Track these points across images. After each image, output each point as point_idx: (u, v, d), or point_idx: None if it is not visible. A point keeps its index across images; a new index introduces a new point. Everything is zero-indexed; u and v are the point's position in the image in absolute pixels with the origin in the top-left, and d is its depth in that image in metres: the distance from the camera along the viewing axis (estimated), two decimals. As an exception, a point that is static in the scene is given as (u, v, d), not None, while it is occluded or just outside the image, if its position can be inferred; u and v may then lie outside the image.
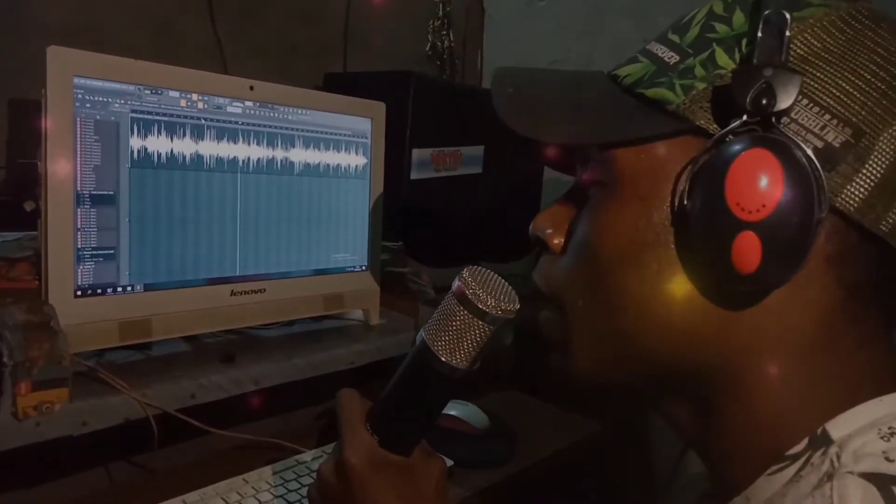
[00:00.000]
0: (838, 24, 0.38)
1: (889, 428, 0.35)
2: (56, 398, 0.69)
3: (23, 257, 0.77)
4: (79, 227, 0.75)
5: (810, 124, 0.37)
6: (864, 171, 0.36)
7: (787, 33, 0.37)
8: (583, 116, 0.44)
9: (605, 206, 0.43)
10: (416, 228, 1.24)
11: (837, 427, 0.37)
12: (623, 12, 1.52)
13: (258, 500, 0.82)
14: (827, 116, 0.37)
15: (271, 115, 0.93)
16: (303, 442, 0.96)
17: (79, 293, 0.75)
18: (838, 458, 0.35)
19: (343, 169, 1.03)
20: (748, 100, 0.36)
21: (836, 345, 0.39)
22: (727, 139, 0.37)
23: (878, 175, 0.36)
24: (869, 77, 0.37)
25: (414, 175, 1.22)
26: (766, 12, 0.37)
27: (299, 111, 0.96)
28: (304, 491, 0.84)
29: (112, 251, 0.78)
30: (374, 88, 1.12)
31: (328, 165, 1.01)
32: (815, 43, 0.38)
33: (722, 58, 0.39)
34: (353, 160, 1.04)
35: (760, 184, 0.35)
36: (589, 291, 0.44)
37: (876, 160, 0.36)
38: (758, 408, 0.40)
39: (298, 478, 0.87)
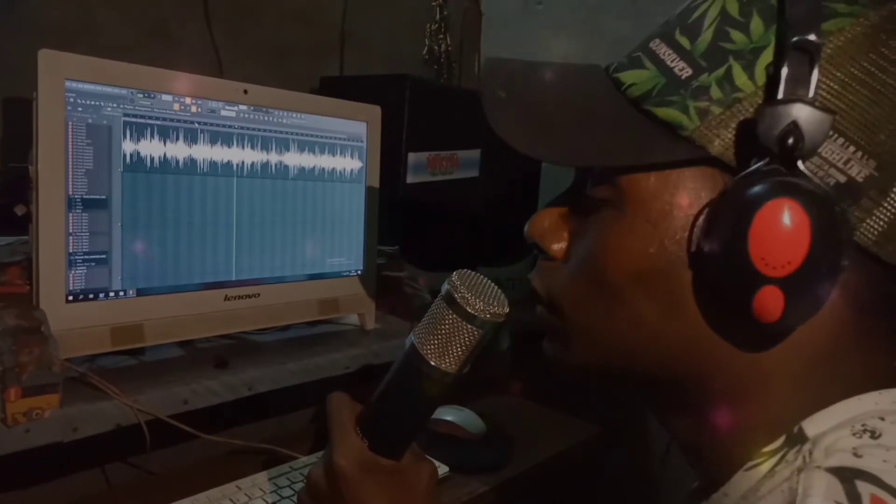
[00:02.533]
0: (867, 37, 0.35)
1: (863, 425, 0.35)
2: (46, 404, 0.68)
3: (14, 262, 0.77)
4: (70, 231, 0.74)
5: (834, 158, 0.35)
6: (885, 203, 0.35)
7: (817, 65, 0.34)
8: (588, 135, 0.41)
9: (613, 226, 0.41)
10: (413, 232, 1.24)
11: (813, 425, 0.37)
12: (620, 14, 1.52)
13: (251, 506, 0.82)
14: (852, 149, 0.34)
15: (265, 118, 0.92)
16: (296, 447, 0.96)
17: (70, 298, 0.75)
18: (810, 453, 0.35)
19: (338, 173, 1.02)
20: (774, 140, 0.34)
21: (843, 356, 0.38)
22: (749, 180, 0.35)
23: None
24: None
25: (410, 179, 1.22)
26: (794, 39, 0.34)
27: (294, 115, 0.96)
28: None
29: (104, 256, 0.77)
30: (371, 91, 1.12)
31: (323, 169, 1.00)
32: (843, 64, 0.35)
33: (740, 77, 0.36)
34: (349, 164, 1.04)
35: (787, 239, 0.33)
36: (592, 308, 0.42)
37: None
38: (753, 417, 0.39)
39: (292, 484, 0.87)
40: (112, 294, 0.79)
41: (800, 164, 0.34)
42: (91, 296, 0.77)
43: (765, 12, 0.37)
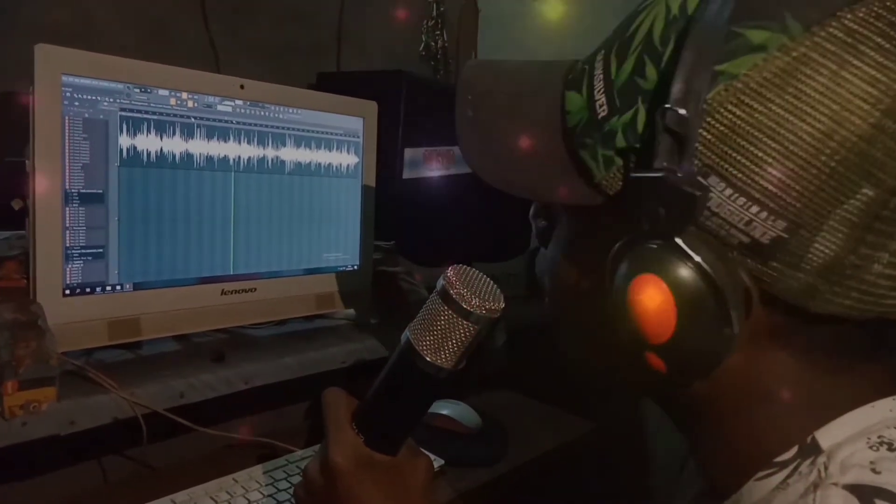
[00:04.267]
0: (785, 75, 0.31)
1: (879, 437, 0.34)
2: (43, 397, 0.69)
3: (11, 256, 0.77)
4: (67, 225, 0.74)
5: (734, 219, 0.32)
6: (804, 265, 0.32)
7: (687, 143, 0.31)
8: (523, 165, 0.42)
9: (559, 242, 0.45)
10: (409, 228, 1.24)
11: (827, 435, 0.35)
12: (617, 11, 1.52)
13: (248, 499, 0.82)
14: (754, 209, 0.31)
15: (262, 113, 0.92)
16: (293, 441, 0.96)
17: (67, 292, 0.75)
18: (826, 467, 0.34)
19: (334, 168, 1.03)
20: (645, 214, 0.33)
21: (815, 377, 0.37)
22: (637, 241, 0.35)
23: (820, 267, 0.32)
24: (814, 151, 0.30)
25: (406, 174, 1.22)
26: (665, 109, 0.32)
27: (290, 110, 0.96)
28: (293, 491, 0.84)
29: (101, 250, 0.78)
30: (368, 88, 1.11)
31: (319, 164, 1.00)
32: (746, 109, 0.31)
33: (642, 123, 0.35)
34: (345, 159, 1.04)
35: (653, 315, 0.33)
36: (557, 307, 0.46)
37: (816, 253, 0.32)
38: (745, 420, 0.39)
39: (288, 477, 0.87)
40: (109, 288, 0.79)
41: (676, 239, 0.33)
42: (88, 290, 0.77)
43: (678, 42, 0.34)
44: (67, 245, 0.75)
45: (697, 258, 0.32)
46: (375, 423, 0.49)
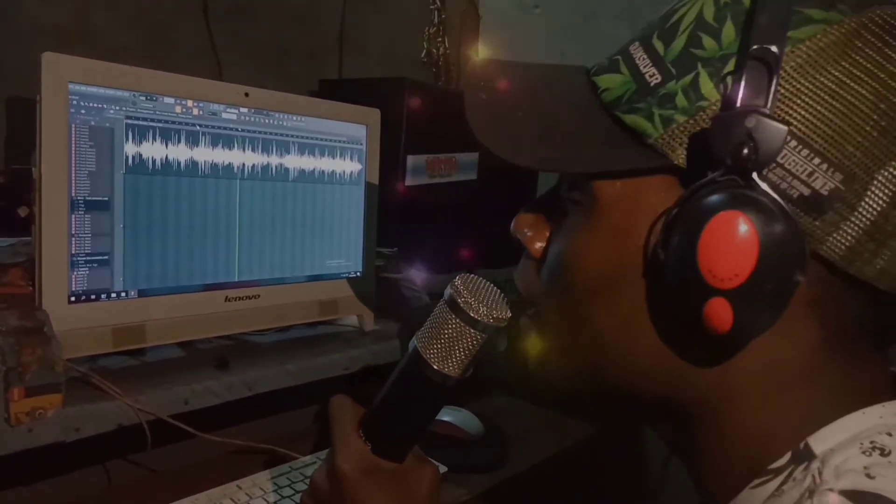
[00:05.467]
0: (840, 45, 0.34)
1: (871, 442, 0.35)
2: (49, 404, 0.69)
3: (17, 263, 0.77)
4: (73, 232, 0.75)
5: (797, 170, 0.34)
6: (853, 218, 0.34)
7: (776, 77, 0.33)
8: (556, 140, 0.41)
9: (579, 230, 0.42)
10: (411, 234, 1.24)
11: (820, 441, 0.36)
12: (617, 17, 1.53)
13: (251, 506, 0.82)
14: (816, 161, 0.34)
15: (266, 121, 0.93)
16: (297, 448, 0.96)
17: (72, 299, 0.75)
18: (820, 473, 0.34)
19: (338, 175, 1.03)
20: (729, 151, 0.33)
21: (824, 371, 0.38)
22: (704, 190, 0.34)
23: (867, 223, 0.34)
24: (868, 111, 0.34)
25: (409, 181, 1.22)
26: (754, 48, 0.34)
27: (294, 117, 0.96)
28: (297, 497, 0.84)
29: (106, 257, 0.78)
30: (370, 94, 1.12)
31: (323, 172, 1.01)
32: (812, 73, 0.34)
33: (706, 86, 0.36)
34: (348, 166, 1.04)
35: (734, 252, 0.33)
36: (561, 313, 0.43)
37: (866, 207, 0.34)
38: (738, 428, 0.39)
39: (292, 484, 0.87)
40: (114, 295, 0.79)
41: (755, 175, 0.33)
42: (93, 296, 0.77)
43: (737, 18, 0.36)
44: (73, 252, 0.75)
45: (775, 195, 0.33)
46: (382, 430, 0.49)
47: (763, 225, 0.32)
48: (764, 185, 0.34)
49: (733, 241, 0.33)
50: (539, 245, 0.46)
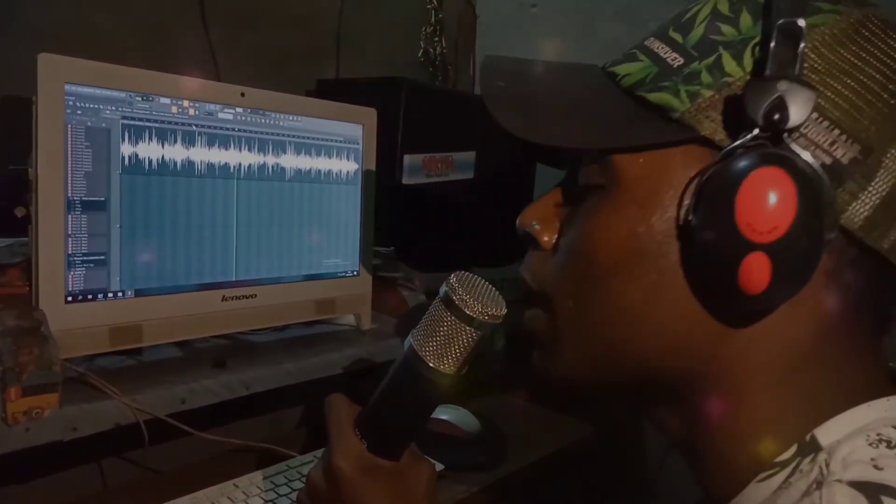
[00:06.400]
0: (849, 32, 0.37)
1: (877, 434, 0.35)
2: (46, 404, 0.69)
3: (13, 263, 0.77)
4: (69, 233, 0.75)
5: (819, 139, 0.36)
6: (870, 188, 0.36)
7: (803, 44, 0.35)
8: (581, 119, 0.42)
9: (601, 210, 0.42)
10: (408, 233, 1.24)
11: (826, 433, 0.36)
12: (615, 16, 1.53)
13: (249, 504, 0.83)
14: (836, 132, 0.36)
15: (262, 121, 0.93)
16: (294, 447, 0.96)
17: (69, 299, 0.76)
18: (827, 465, 0.35)
19: (334, 175, 1.03)
20: (760, 114, 0.35)
21: (829, 356, 0.39)
22: (737, 153, 0.36)
23: (884, 192, 0.36)
24: (878, 90, 0.36)
25: (406, 180, 1.23)
26: (780, 21, 0.36)
27: (290, 117, 0.96)
28: (294, 496, 0.84)
29: (103, 257, 0.78)
30: (367, 94, 1.12)
31: (319, 171, 1.01)
32: (826, 53, 0.37)
33: (730, 64, 0.38)
34: (345, 166, 1.05)
35: (773, 204, 0.34)
36: (581, 295, 0.43)
37: (882, 178, 0.36)
38: (747, 415, 0.39)
39: (289, 482, 0.87)
40: (111, 295, 0.79)
41: (786, 136, 0.35)
42: (90, 296, 0.77)
43: (753, 8, 0.39)
44: (70, 252, 0.75)
45: (807, 154, 0.35)
46: (378, 428, 0.50)
47: (799, 179, 0.34)
48: (795, 147, 0.35)
49: (772, 194, 0.34)
50: (549, 236, 0.46)
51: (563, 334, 0.44)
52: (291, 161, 0.97)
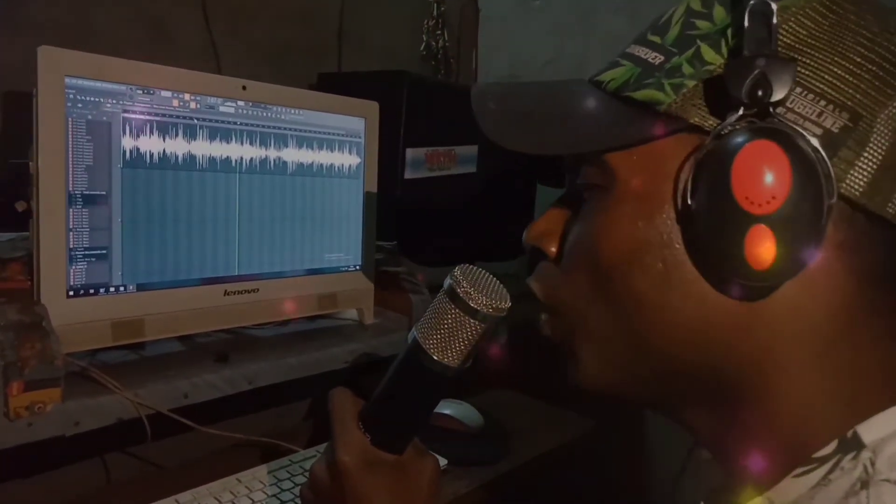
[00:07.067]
0: (820, 9, 0.38)
1: None
2: (48, 398, 0.69)
3: (15, 257, 0.77)
4: (71, 227, 0.75)
5: (807, 112, 0.36)
6: (866, 153, 0.36)
7: (774, 21, 0.36)
8: (572, 125, 0.43)
9: (602, 209, 0.42)
10: (411, 228, 1.24)
11: (869, 430, 0.35)
12: (617, 11, 1.52)
13: (251, 499, 0.82)
14: (822, 102, 0.36)
15: (264, 114, 0.93)
16: (296, 441, 0.96)
17: (71, 293, 0.75)
18: (872, 463, 0.34)
19: (336, 168, 1.03)
20: (744, 91, 0.36)
21: (853, 338, 0.38)
22: (726, 133, 0.37)
23: (881, 157, 0.36)
24: (858, 59, 0.37)
25: (408, 174, 1.22)
26: (751, 3, 0.37)
27: (292, 111, 0.96)
28: (297, 490, 0.84)
29: (104, 251, 0.78)
30: (369, 88, 1.12)
31: (321, 165, 1.01)
32: (801, 30, 0.37)
33: (708, 53, 0.39)
34: (347, 160, 1.04)
35: (768, 175, 0.35)
36: (592, 296, 0.42)
37: (876, 142, 0.36)
38: (779, 407, 0.38)
39: (292, 477, 0.87)
40: (112, 289, 0.79)
41: (772, 111, 0.36)
42: (92, 291, 0.77)
43: (726, 2, 0.40)
44: (71, 246, 0.75)
45: (796, 126, 0.36)
46: (382, 422, 0.49)
47: (791, 150, 0.35)
48: (783, 121, 0.36)
49: (767, 165, 0.35)
50: (555, 244, 0.46)
51: (582, 340, 0.44)
52: (293, 155, 0.97)
